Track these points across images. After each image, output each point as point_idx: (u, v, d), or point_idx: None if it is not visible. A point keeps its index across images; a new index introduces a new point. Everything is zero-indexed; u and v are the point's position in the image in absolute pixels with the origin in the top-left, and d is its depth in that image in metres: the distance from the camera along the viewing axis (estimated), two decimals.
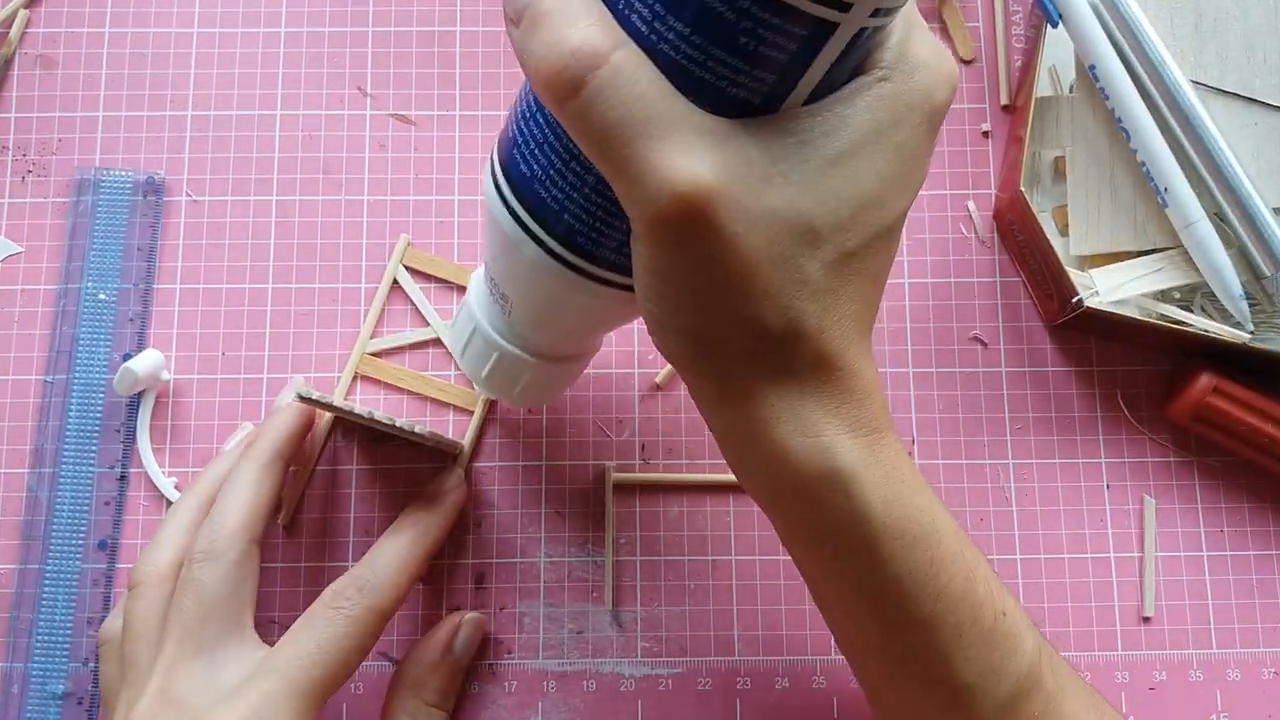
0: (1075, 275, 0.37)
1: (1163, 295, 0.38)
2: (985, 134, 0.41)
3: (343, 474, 0.39)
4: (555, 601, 0.38)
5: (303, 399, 0.33)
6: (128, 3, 0.42)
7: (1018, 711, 0.26)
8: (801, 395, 0.24)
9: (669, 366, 0.39)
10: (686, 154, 0.22)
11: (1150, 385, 0.40)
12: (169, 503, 0.38)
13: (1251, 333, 0.36)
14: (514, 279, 0.29)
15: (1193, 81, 0.37)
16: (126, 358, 0.38)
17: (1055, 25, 0.38)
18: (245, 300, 0.40)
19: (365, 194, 0.41)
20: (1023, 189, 0.37)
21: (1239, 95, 0.38)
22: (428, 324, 0.40)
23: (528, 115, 0.25)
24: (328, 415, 0.39)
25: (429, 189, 0.41)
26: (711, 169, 0.22)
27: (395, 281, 0.40)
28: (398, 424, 0.35)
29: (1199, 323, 0.36)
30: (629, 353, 0.40)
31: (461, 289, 0.40)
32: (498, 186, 0.26)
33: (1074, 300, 0.36)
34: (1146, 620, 0.38)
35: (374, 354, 0.39)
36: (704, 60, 0.21)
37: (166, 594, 0.32)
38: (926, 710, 0.27)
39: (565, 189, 0.25)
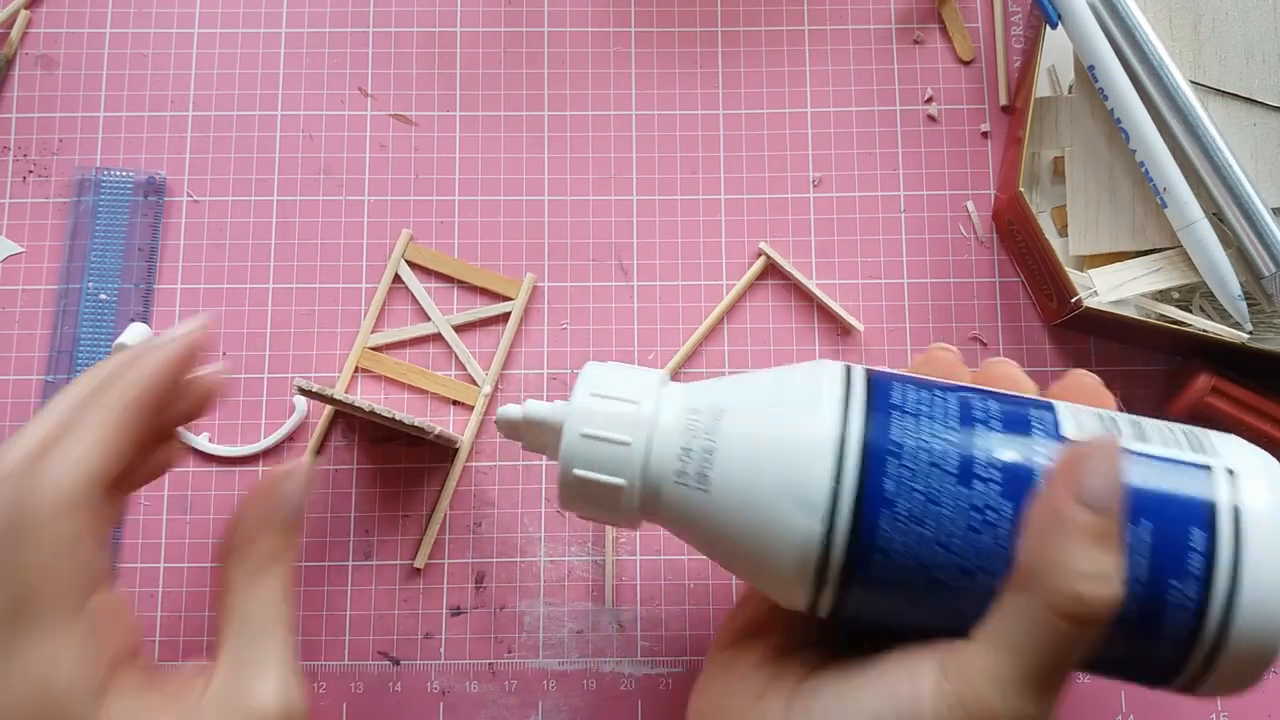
0: (1074, 275, 0.37)
1: (1161, 295, 0.38)
2: (984, 134, 0.41)
3: (343, 474, 0.39)
4: (555, 601, 0.38)
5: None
6: (128, 3, 0.42)
7: None
8: None
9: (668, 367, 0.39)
10: None
11: (1149, 385, 0.40)
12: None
13: (1250, 332, 0.36)
14: (734, 556, 0.26)
15: (1192, 82, 0.38)
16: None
17: (1054, 26, 0.38)
18: (246, 300, 0.40)
19: (366, 194, 0.41)
20: (1022, 189, 0.37)
21: (1238, 96, 0.38)
22: (429, 319, 0.40)
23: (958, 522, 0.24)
24: (326, 411, 0.39)
25: (429, 189, 0.41)
26: None
27: (396, 277, 0.40)
28: (398, 417, 0.35)
29: (1197, 323, 0.37)
30: (629, 352, 0.40)
31: (464, 285, 0.40)
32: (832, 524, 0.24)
33: (1073, 300, 0.36)
34: None
35: (374, 348, 0.40)
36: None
37: None
38: None
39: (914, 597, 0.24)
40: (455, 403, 0.39)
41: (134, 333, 0.37)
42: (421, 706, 0.37)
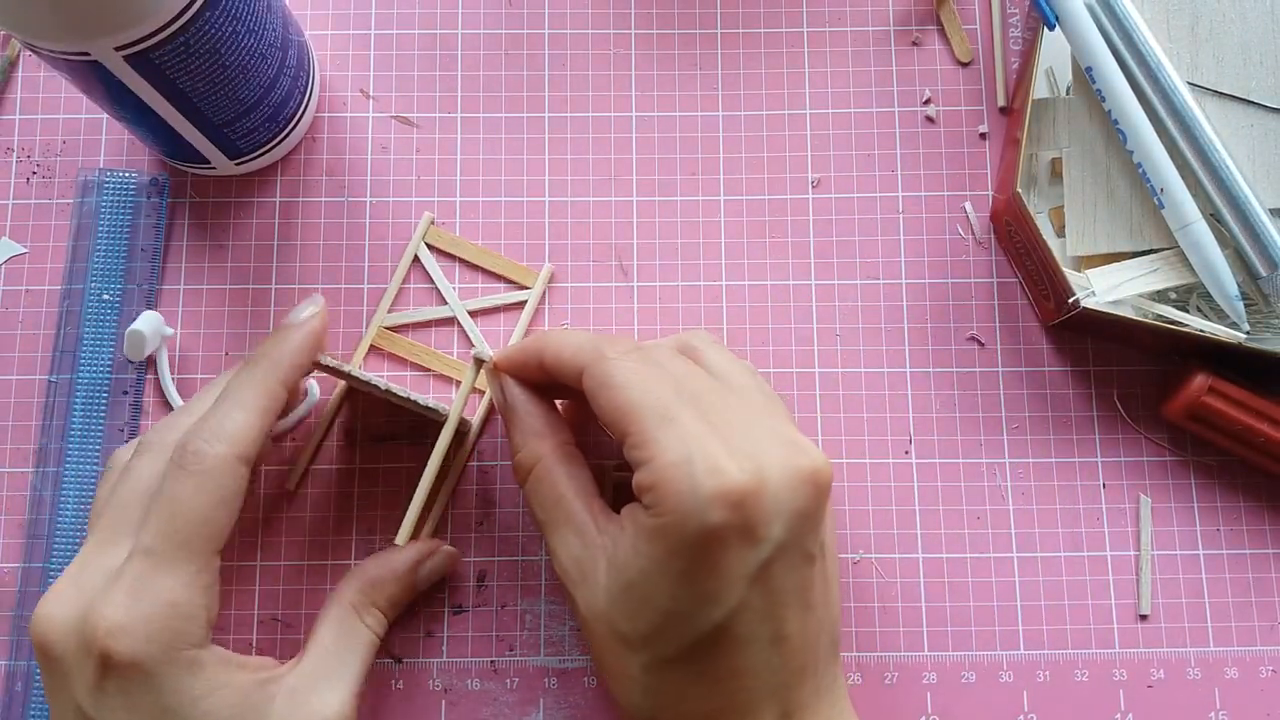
0: (1072, 276, 0.37)
1: (1159, 295, 0.38)
2: (982, 136, 0.42)
3: (344, 474, 0.39)
4: (556, 599, 0.38)
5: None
6: None
7: None
8: None
9: None
10: (561, 545, 0.31)
11: (1146, 385, 0.40)
12: None
13: (1247, 333, 0.36)
14: None
15: (1189, 83, 0.38)
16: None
17: (1052, 28, 0.38)
18: (249, 301, 0.40)
19: (368, 196, 0.41)
20: (1019, 190, 0.37)
21: (1235, 97, 0.38)
22: (443, 303, 0.40)
23: None
24: (340, 385, 0.39)
25: (430, 190, 0.41)
26: (567, 560, 0.31)
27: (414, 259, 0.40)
28: (413, 398, 0.35)
29: (1195, 323, 0.37)
30: None
31: (483, 271, 0.40)
32: None
33: (1070, 301, 0.36)
34: (1144, 618, 0.38)
35: (390, 328, 0.40)
36: None
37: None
38: None
39: None
40: (458, 384, 0.39)
41: (147, 320, 0.38)
42: (423, 704, 0.37)
